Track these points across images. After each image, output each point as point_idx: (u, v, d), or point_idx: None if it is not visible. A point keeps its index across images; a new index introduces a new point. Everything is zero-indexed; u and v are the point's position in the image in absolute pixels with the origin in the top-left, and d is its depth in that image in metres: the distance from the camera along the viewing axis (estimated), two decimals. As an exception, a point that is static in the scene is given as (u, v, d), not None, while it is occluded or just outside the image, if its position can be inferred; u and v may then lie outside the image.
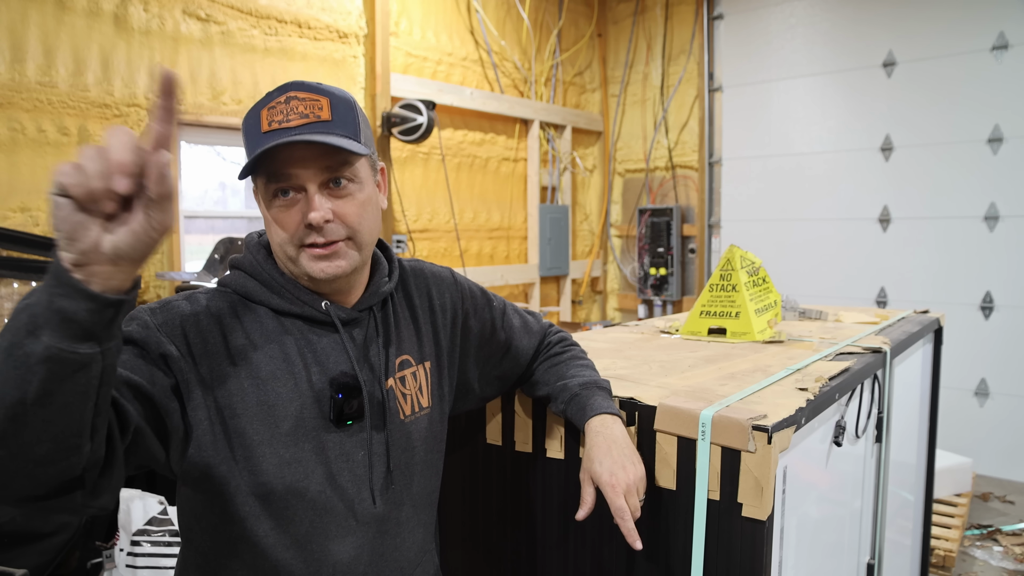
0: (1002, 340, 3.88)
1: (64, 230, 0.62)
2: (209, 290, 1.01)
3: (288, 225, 0.95)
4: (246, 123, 0.96)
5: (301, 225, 0.95)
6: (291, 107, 0.94)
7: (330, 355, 1.00)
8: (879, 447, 1.69)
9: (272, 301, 0.99)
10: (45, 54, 2.63)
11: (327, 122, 0.95)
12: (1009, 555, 2.92)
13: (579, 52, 5.26)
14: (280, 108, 0.94)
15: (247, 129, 0.96)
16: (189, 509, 1.00)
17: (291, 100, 0.94)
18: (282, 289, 1.00)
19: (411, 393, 1.08)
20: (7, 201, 2.57)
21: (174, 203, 0.68)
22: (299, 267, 0.97)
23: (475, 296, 1.23)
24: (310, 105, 0.95)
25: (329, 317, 1.01)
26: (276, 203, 0.95)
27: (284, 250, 0.97)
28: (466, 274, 4.28)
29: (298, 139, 0.91)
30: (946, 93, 3.96)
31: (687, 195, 5.08)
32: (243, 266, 1.02)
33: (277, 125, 0.93)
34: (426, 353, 1.13)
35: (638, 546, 1.02)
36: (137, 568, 2.20)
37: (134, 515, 2.22)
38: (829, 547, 1.47)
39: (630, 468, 1.06)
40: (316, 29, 3.50)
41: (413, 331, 1.12)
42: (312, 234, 0.95)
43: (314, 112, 0.95)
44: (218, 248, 3.00)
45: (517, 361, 1.26)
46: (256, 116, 0.95)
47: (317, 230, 0.95)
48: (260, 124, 0.94)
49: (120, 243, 0.64)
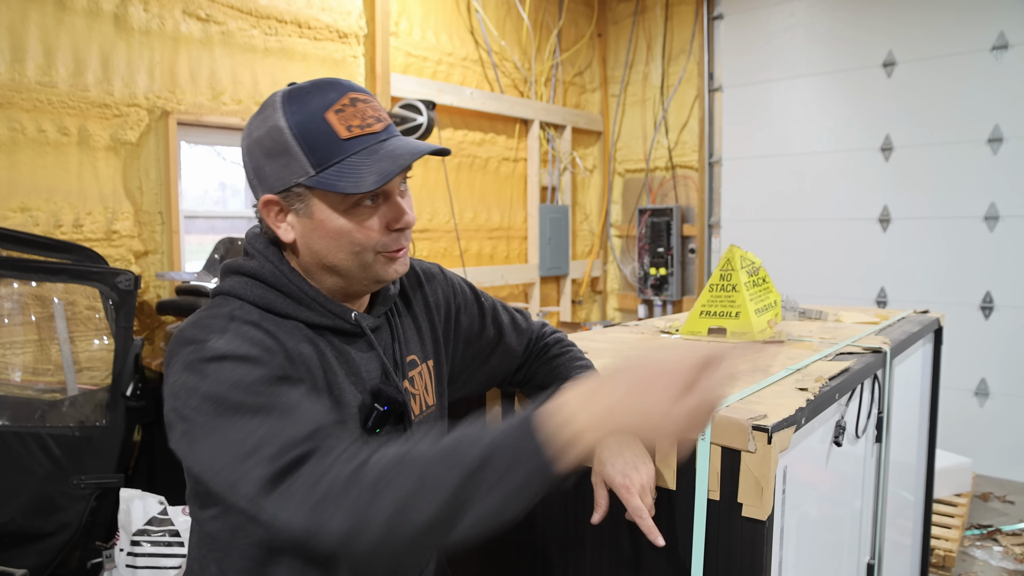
0: (1002, 340, 3.88)
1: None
2: (230, 314, 0.92)
3: (373, 232, 0.92)
4: (301, 124, 0.88)
5: (384, 230, 0.93)
6: (361, 110, 0.90)
7: (362, 365, 0.99)
8: (879, 447, 1.69)
9: (301, 314, 0.95)
10: (45, 54, 2.63)
11: (391, 125, 0.94)
12: (1009, 555, 2.92)
13: (579, 52, 5.26)
14: (350, 112, 0.89)
15: (308, 132, 0.88)
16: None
17: (356, 102, 0.90)
18: (313, 302, 0.96)
19: (419, 393, 1.09)
20: (7, 201, 2.57)
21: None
22: (369, 272, 0.95)
23: (464, 292, 1.23)
24: (375, 107, 0.92)
25: (358, 327, 0.99)
26: (358, 211, 0.91)
27: (360, 258, 0.93)
28: (466, 274, 4.28)
29: (426, 148, 0.90)
30: (946, 93, 3.96)
31: (687, 195, 5.08)
32: (262, 277, 0.96)
33: (360, 131, 0.89)
34: (428, 351, 1.13)
35: (660, 542, 1.04)
36: (137, 568, 2.20)
37: (134, 515, 2.23)
38: (829, 547, 1.47)
39: (642, 468, 1.07)
40: (316, 29, 3.50)
41: (414, 330, 1.12)
42: (401, 238, 0.95)
43: (382, 115, 0.93)
44: (218, 248, 3.00)
45: (506, 358, 1.25)
46: (318, 119, 0.88)
47: (404, 234, 0.95)
48: (335, 130, 0.88)
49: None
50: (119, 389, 2.48)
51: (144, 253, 2.97)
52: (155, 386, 2.75)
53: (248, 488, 0.78)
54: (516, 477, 0.72)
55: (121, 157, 2.87)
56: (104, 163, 2.82)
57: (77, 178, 2.75)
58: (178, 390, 0.85)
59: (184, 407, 0.83)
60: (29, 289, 2.53)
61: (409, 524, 0.73)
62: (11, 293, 2.49)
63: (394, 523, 0.73)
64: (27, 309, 2.54)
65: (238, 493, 0.79)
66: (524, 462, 0.72)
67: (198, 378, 0.83)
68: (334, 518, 0.74)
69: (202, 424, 0.82)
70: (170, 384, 0.87)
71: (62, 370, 2.55)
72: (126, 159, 2.89)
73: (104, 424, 2.45)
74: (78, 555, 2.42)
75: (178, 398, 0.84)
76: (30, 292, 2.53)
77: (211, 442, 0.81)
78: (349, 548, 0.76)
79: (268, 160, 0.91)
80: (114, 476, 2.43)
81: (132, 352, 2.52)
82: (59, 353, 2.56)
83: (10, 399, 2.43)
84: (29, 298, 2.54)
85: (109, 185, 2.84)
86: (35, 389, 2.53)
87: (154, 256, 3.00)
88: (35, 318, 2.55)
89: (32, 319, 2.54)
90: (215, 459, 0.81)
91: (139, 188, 2.93)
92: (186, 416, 0.83)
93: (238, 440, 0.80)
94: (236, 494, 0.79)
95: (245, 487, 0.78)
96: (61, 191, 2.70)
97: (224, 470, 0.80)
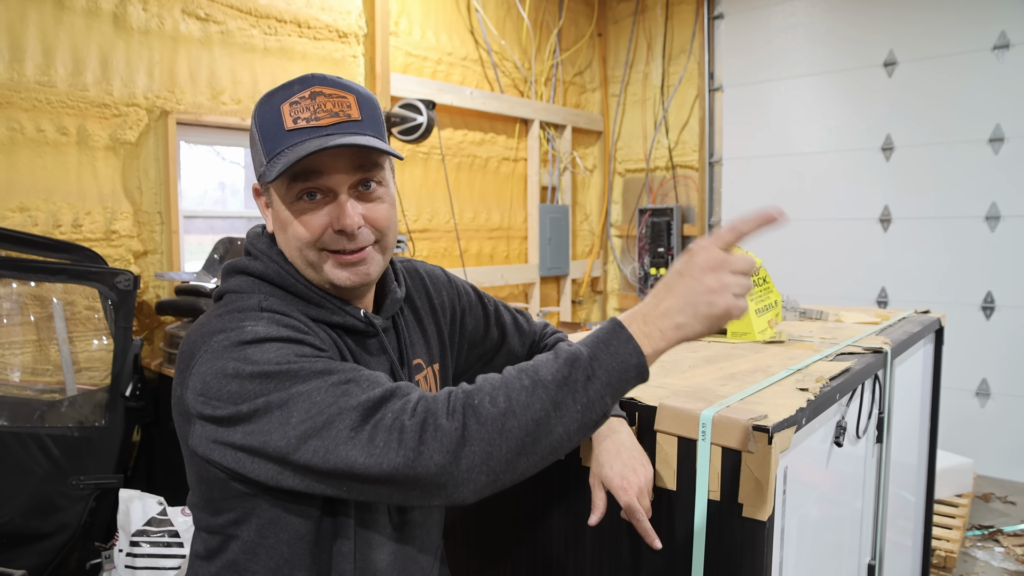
0: (1003, 340, 3.87)
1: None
2: (258, 304, 0.91)
3: (313, 228, 0.90)
4: (262, 117, 0.90)
5: (327, 229, 0.90)
6: (318, 104, 0.88)
7: (372, 366, 0.98)
8: (880, 447, 1.68)
9: (311, 312, 0.94)
10: (44, 54, 2.63)
11: (357, 122, 0.90)
12: (1010, 556, 2.91)
13: (579, 52, 5.25)
14: (305, 104, 0.88)
15: (264, 124, 0.89)
16: (275, 521, 0.92)
17: (317, 96, 0.88)
18: (323, 300, 0.94)
19: None
20: (6, 201, 2.57)
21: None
22: (321, 273, 0.93)
23: (468, 294, 1.22)
24: (339, 103, 0.89)
25: (370, 326, 0.98)
26: (300, 205, 0.90)
27: (304, 254, 0.92)
28: (466, 274, 4.28)
29: (345, 142, 0.86)
30: (947, 93, 3.96)
31: (687, 195, 5.08)
32: (268, 277, 0.94)
33: (305, 123, 0.87)
34: (434, 355, 1.12)
35: (657, 545, 1.04)
36: (136, 569, 2.19)
37: (133, 516, 2.22)
38: (830, 548, 1.46)
39: (640, 470, 1.06)
40: (316, 29, 3.50)
41: (420, 333, 1.11)
42: (341, 240, 0.91)
43: (344, 111, 0.89)
44: (218, 248, 3.00)
45: (509, 359, 1.25)
46: (275, 110, 0.88)
47: (348, 236, 0.90)
48: (282, 120, 0.88)
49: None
50: (118, 389, 2.48)
51: (143, 253, 2.97)
52: (154, 386, 2.74)
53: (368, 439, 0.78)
54: (621, 378, 0.81)
55: (120, 157, 2.87)
56: (103, 163, 2.82)
57: (76, 178, 2.75)
58: (215, 378, 0.82)
59: (233, 393, 0.81)
60: (28, 289, 2.53)
61: (540, 442, 0.79)
62: (10, 293, 2.49)
63: (525, 443, 0.78)
64: (26, 309, 2.53)
65: (345, 449, 0.78)
66: (625, 361, 0.81)
67: (239, 363, 0.81)
68: (473, 447, 0.77)
69: (265, 402, 0.80)
70: (201, 375, 0.83)
71: (61, 370, 2.54)
72: (125, 159, 2.88)
73: (103, 424, 2.45)
74: (77, 556, 2.42)
75: (219, 385, 0.81)
76: (29, 292, 2.53)
77: (289, 410, 0.79)
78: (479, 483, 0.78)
79: (251, 151, 0.96)
80: (113, 477, 2.43)
81: (131, 352, 2.51)
82: (58, 353, 2.56)
83: (9, 399, 2.42)
84: (28, 298, 2.53)
85: (108, 185, 2.83)
86: (34, 389, 2.53)
87: (153, 256, 3.00)
88: (34, 318, 2.54)
89: (31, 319, 2.54)
90: (297, 427, 0.79)
91: (138, 188, 2.93)
92: (241, 398, 0.80)
93: (322, 401, 0.79)
94: (341, 453, 0.78)
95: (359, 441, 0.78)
96: (60, 191, 2.70)
97: (320, 432, 0.78)
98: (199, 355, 0.85)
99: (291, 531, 0.90)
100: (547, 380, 0.79)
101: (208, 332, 0.86)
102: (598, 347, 0.81)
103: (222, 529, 0.93)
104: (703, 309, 0.82)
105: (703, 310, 0.82)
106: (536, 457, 0.79)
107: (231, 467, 0.85)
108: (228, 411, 0.81)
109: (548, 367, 0.80)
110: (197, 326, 0.90)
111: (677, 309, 0.82)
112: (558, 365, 0.80)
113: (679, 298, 0.82)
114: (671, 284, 0.84)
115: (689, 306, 0.82)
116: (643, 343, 0.81)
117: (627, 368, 0.81)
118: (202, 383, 0.83)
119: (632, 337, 0.81)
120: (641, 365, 0.81)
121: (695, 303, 0.82)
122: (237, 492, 0.89)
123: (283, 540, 0.90)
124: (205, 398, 0.83)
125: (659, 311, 0.83)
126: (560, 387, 0.79)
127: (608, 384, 0.80)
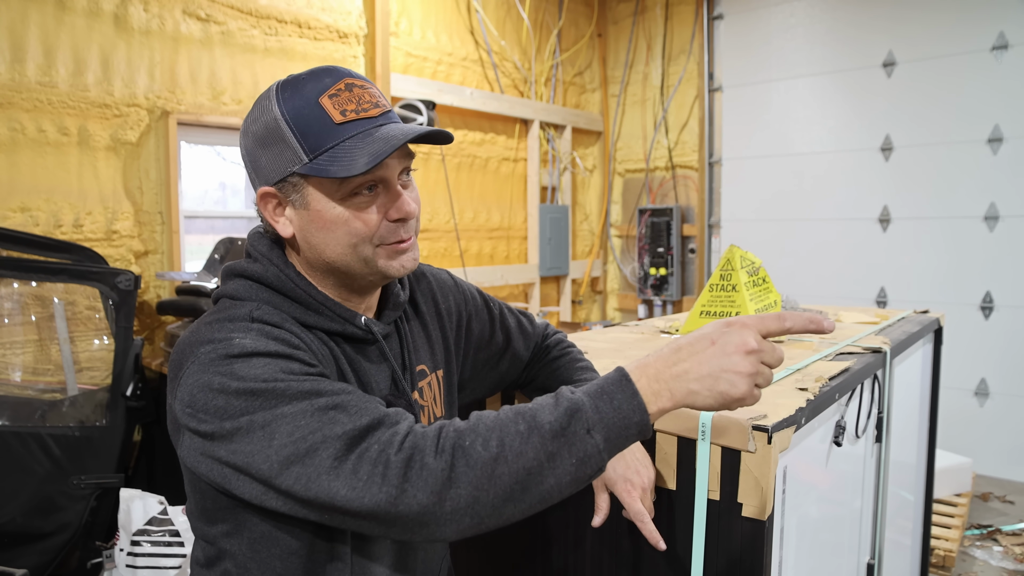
0: (1002, 340, 3.88)
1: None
2: (249, 314, 0.88)
3: (371, 223, 0.88)
4: (295, 110, 0.86)
5: (383, 222, 0.89)
6: (356, 95, 0.87)
7: (372, 375, 0.96)
8: (879, 447, 1.69)
9: (310, 319, 0.91)
10: (45, 54, 2.63)
11: (391, 111, 0.90)
12: (1009, 555, 2.92)
13: (579, 52, 5.26)
14: (346, 96, 0.86)
15: (301, 117, 0.85)
16: (277, 533, 0.90)
17: (352, 87, 0.87)
18: (321, 307, 0.92)
19: (428, 404, 1.06)
20: (7, 201, 2.57)
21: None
22: (372, 267, 0.90)
23: (475, 298, 1.21)
24: (372, 93, 0.89)
25: (369, 334, 0.96)
26: (357, 200, 0.87)
27: (359, 251, 0.89)
28: (466, 274, 4.29)
29: (423, 131, 0.85)
30: (946, 93, 3.96)
31: (687, 195, 5.08)
32: (267, 281, 0.92)
33: (355, 115, 0.85)
34: (439, 361, 1.10)
35: (662, 546, 1.04)
36: (137, 568, 2.20)
37: (134, 515, 2.22)
38: (829, 547, 1.47)
39: (643, 472, 1.06)
40: (316, 29, 3.50)
41: (424, 339, 1.09)
42: (400, 229, 0.90)
43: (380, 101, 0.89)
44: (218, 248, 3.00)
45: (514, 363, 1.24)
46: (313, 104, 0.85)
47: (404, 225, 0.90)
48: (326, 113, 0.85)
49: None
50: (119, 389, 2.48)
51: (144, 253, 2.97)
52: (155, 386, 2.75)
53: (349, 470, 0.75)
54: (621, 435, 0.78)
55: (121, 157, 2.87)
56: (104, 163, 2.82)
57: (77, 178, 2.75)
58: (201, 392, 0.80)
59: (218, 408, 0.79)
60: (29, 289, 2.53)
61: (530, 491, 0.77)
62: (11, 293, 2.49)
63: (514, 491, 0.76)
64: (27, 309, 2.54)
65: (327, 480, 0.76)
66: (627, 418, 0.78)
67: (225, 377, 0.79)
68: (459, 491, 0.74)
69: (249, 421, 0.77)
70: (188, 387, 0.81)
71: (62, 370, 2.55)
72: (126, 159, 2.89)
73: (104, 424, 2.45)
74: (78, 555, 2.42)
75: (206, 399, 0.79)
76: (30, 292, 2.53)
77: (271, 432, 0.77)
78: (462, 524, 0.76)
79: (264, 150, 0.88)
80: (114, 476, 2.43)
81: (132, 352, 2.52)
82: (59, 353, 2.56)
83: (10, 399, 2.43)
84: (29, 298, 2.54)
85: (109, 185, 2.84)
86: (35, 389, 2.53)
87: (154, 256, 3.00)
88: (35, 318, 2.55)
89: (32, 319, 2.54)
90: (280, 451, 0.76)
91: (139, 188, 2.93)
92: (226, 414, 0.78)
93: (307, 426, 0.76)
94: (322, 483, 0.76)
95: (340, 473, 0.75)
96: (61, 191, 2.70)
97: (302, 459, 0.76)
98: (187, 366, 0.83)
99: (283, 546, 0.88)
100: (544, 428, 0.76)
101: (196, 342, 0.84)
102: (601, 399, 0.78)
103: (215, 540, 0.92)
104: (722, 387, 0.78)
105: (722, 387, 0.78)
106: (524, 506, 0.77)
107: (218, 481, 0.83)
108: (213, 426, 0.80)
109: (547, 414, 0.77)
110: (187, 334, 0.88)
111: (695, 377, 0.78)
112: (558, 414, 0.77)
113: (701, 366, 0.78)
114: (696, 348, 0.80)
115: (709, 378, 0.78)
116: (649, 401, 0.78)
117: (628, 425, 0.78)
118: (189, 395, 0.81)
119: (638, 393, 0.78)
120: (644, 423, 0.78)
121: (716, 377, 0.78)
122: (228, 504, 0.88)
123: (275, 555, 0.89)
124: (192, 410, 0.81)
125: (673, 371, 0.79)
126: (556, 437, 0.76)
127: (607, 439, 0.77)
